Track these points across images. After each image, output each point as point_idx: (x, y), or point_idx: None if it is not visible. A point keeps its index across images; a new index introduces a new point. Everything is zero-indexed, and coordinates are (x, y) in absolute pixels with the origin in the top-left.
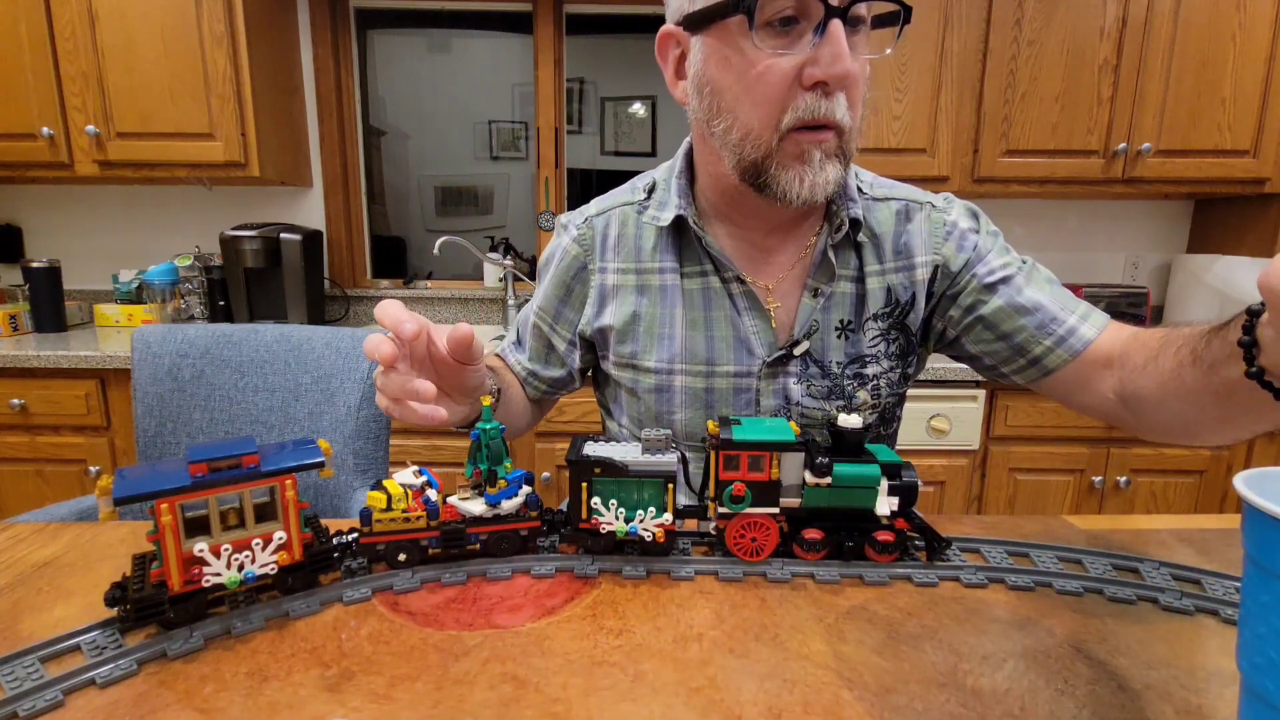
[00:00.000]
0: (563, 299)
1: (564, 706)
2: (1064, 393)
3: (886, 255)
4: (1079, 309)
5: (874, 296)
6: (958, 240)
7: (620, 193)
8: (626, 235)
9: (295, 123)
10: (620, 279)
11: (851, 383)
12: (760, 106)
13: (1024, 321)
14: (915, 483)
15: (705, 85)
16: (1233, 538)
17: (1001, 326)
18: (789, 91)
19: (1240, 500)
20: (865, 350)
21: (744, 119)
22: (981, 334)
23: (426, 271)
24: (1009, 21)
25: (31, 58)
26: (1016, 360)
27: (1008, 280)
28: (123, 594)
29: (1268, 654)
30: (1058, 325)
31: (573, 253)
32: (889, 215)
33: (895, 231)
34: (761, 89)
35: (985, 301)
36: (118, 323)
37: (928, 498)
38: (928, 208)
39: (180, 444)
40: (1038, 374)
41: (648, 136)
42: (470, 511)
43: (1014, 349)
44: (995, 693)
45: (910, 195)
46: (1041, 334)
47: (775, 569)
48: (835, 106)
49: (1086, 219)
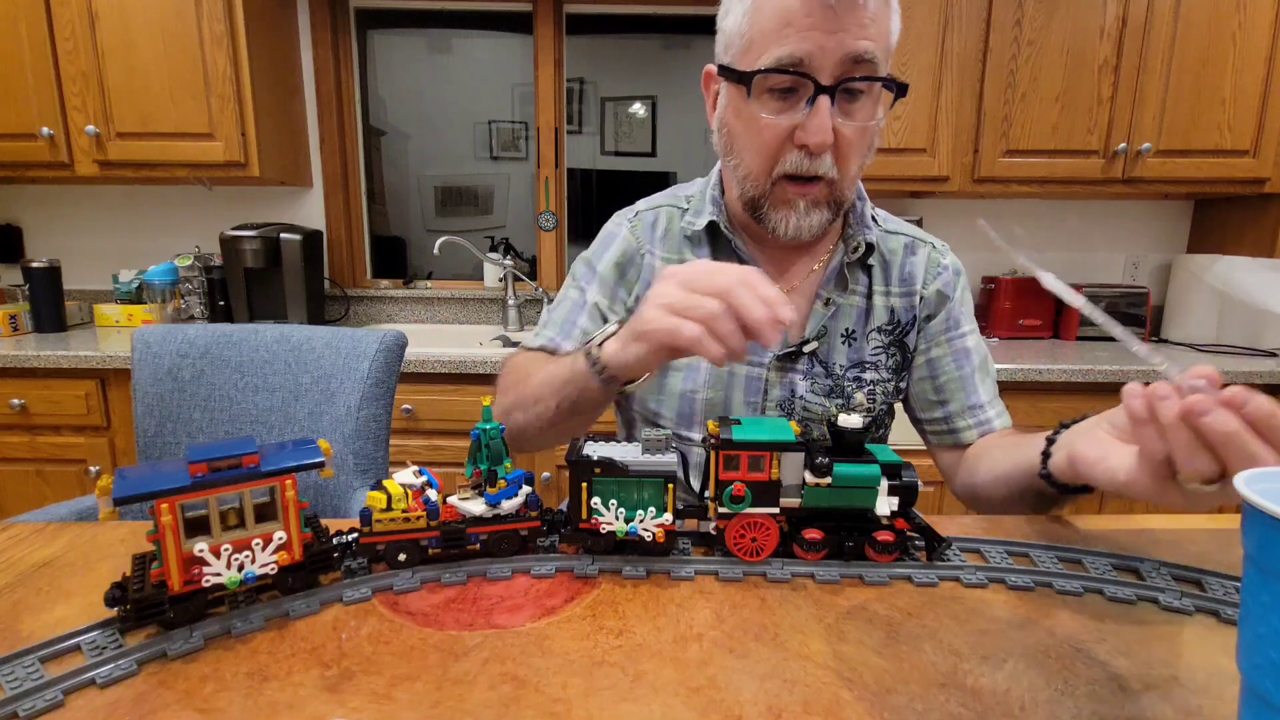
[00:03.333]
0: (618, 280)
1: (564, 706)
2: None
3: (893, 280)
4: (999, 404)
5: (878, 312)
6: (943, 283)
7: (664, 196)
8: (672, 230)
9: (295, 123)
10: (665, 265)
11: (851, 385)
12: (758, 155)
13: (964, 400)
14: (915, 483)
15: (724, 126)
16: (1233, 538)
17: (944, 391)
18: (781, 147)
19: (1240, 500)
20: (867, 357)
21: (747, 161)
22: (923, 372)
23: (426, 271)
24: (1009, 21)
25: (31, 58)
26: (940, 425)
27: (966, 351)
28: (123, 594)
29: (1268, 654)
30: (982, 412)
31: (629, 240)
32: (898, 246)
33: (902, 261)
34: (759, 142)
35: (940, 352)
36: (118, 323)
37: (928, 498)
38: (929, 247)
39: (180, 444)
40: (950, 443)
41: (648, 137)
42: (470, 511)
43: (944, 415)
44: (995, 693)
45: (916, 234)
46: (968, 414)
47: (775, 569)
48: (820, 163)
49: (1086, 219)
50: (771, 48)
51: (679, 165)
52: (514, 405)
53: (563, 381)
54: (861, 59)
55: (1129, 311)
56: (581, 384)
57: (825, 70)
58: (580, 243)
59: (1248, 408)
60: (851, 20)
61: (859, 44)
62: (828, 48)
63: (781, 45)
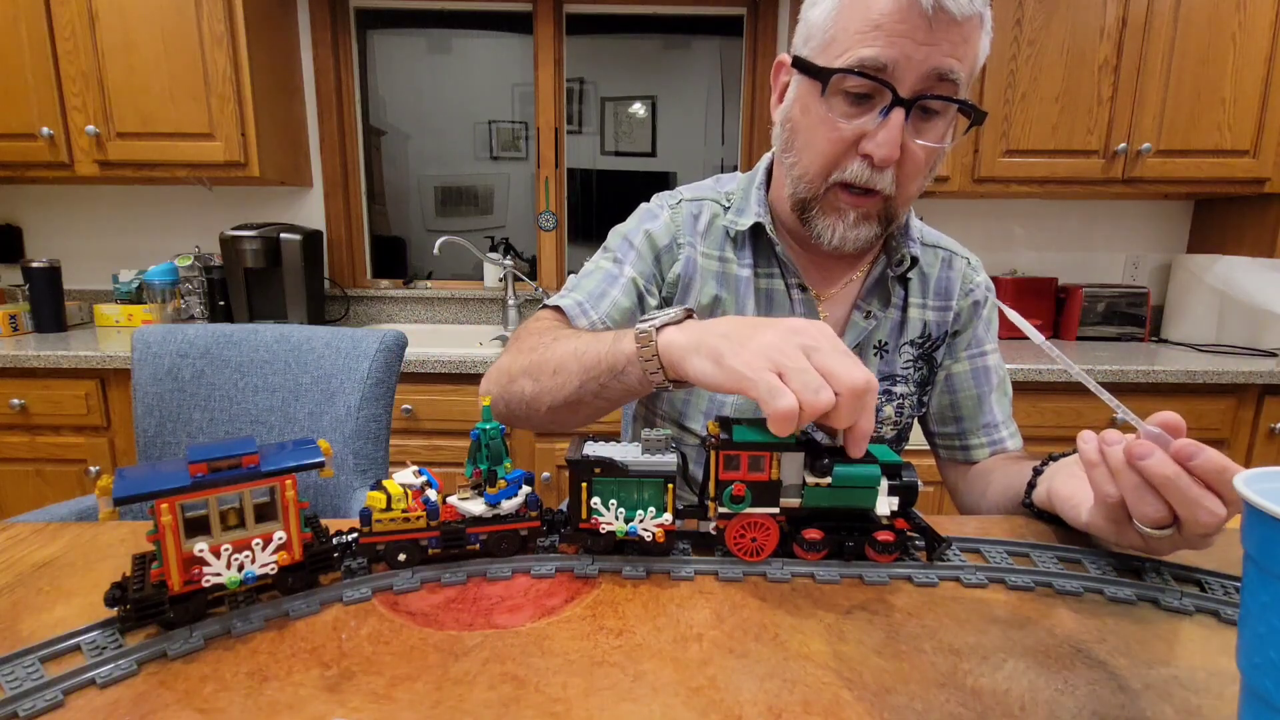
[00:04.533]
0: (656, 259)
1: (564, 706)
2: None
3: (929, 293)
4: (1013, 425)
5: (912, 326)
6: (974, 301)
7: (706, 188)
8: (715, 227)
9: (295, 123)
10: (705, 263)
11: (881, 398)
12: (819, 157)
13: (980, 419)
14: (915, 483)
15: (789, 121)
16: (1233, 538)
17: (960, 408)
18: (845, 154)
19: (1240, 500)
20: (898, 370)
21: (805, 161)
22: (942, 386)
23: (426, 271)
24: (1009, 21)
25: (31, 58)
26: (954, 441)
27: (986, 370)
28: (123, 594)
29: (1268, 654)
30: (995, 432)
31: (669, 225)
32: (935, 260)
33: (940, 275)
34: (823, 143)
35: (961, 368)
36: (118, 323)
37: (928, 498)
38: (964, 261)
39: (180, 444)
40: (961, 458)
41: (648, 136)
42: (470, 511)
43: (959, 432)
44: (995, 693)
45: (953, 247)
46: (983, 433)
47: (775, 569)
48: (880, 178)
49: (1086, 219)
50: (856, 47)
51: (679, 165)
52: (525, 371)
53: (596, 358)
54: (946, 77)
55: (1129, 311)
56: (619, 367)
57: (906, 82)
58: (580, 243)
59: (1196, 461)
60: (944, 35)
61: (946, 60)
62: (915, 58)
63: (867, 47)
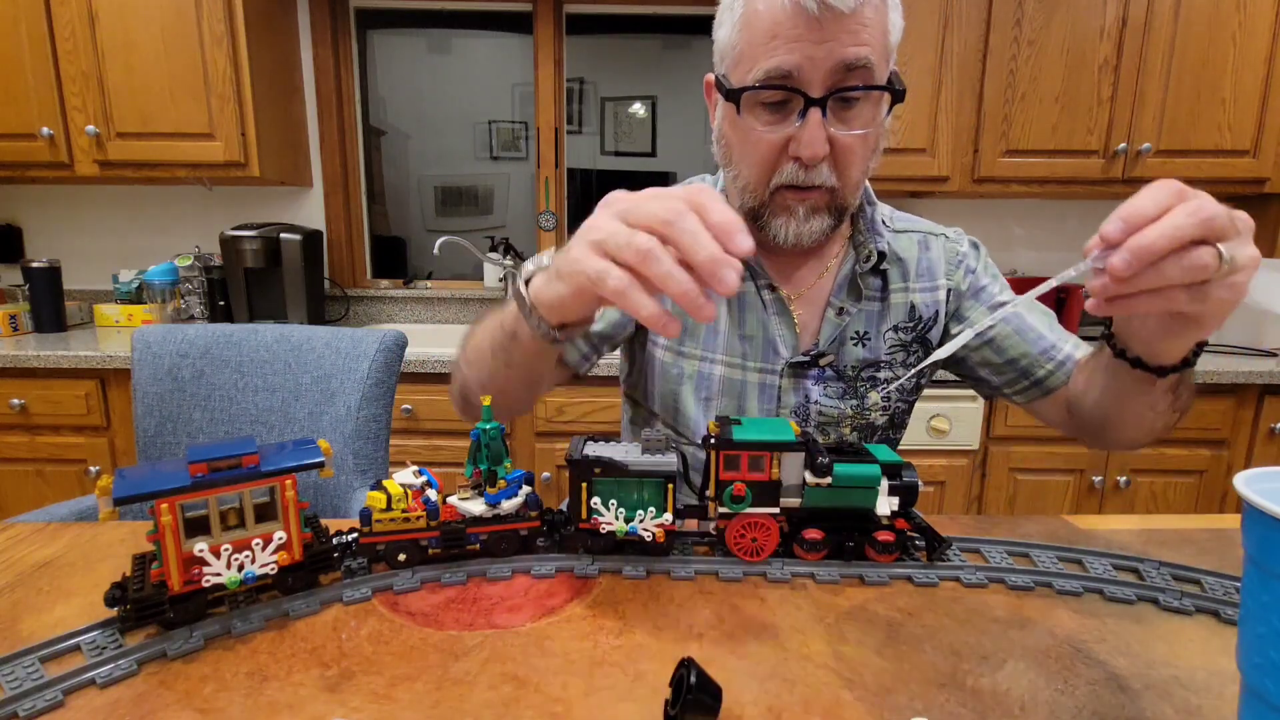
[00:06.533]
0: None
1: (564, 706)
2: (1047, 408)
3: (911, 276)
4: (1070, 336)
5: (895, 310)
6: (966, 269)
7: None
8: None
9: (295, 123)
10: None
11: (865, 385)
12: (753, 167)
13: (1028, 348)
14: (915, 483)
15: (722, 137)
16: (1233, 538)
17: (1008, 350)
18: (778, 159)
19: (1240, 500)
20: (881, 356)
21: (745, 173)
22: (988, 355)
23: (426, 271)
24: (1009, 21)
25: (31, 58)
26: (1020, 382)
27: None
28: (123, 594)
29: (1268, 654)
30: (1057, 351)
31: None
32: (910, 244)
33: (918, 257)
34: (754, 154)
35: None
36: (118, 323)
37: (928, 498)
38: (942, 238)
39: (180, 444)
40: (1039, 394)
41: (648, 136)
42: (470, 511)
43: (1019, 371)
44: (995, 693)
45: (927, 227)
46: (1044, 359)
47: (775, 569)
48: (817, 174)
49: (1086, 219)
50: (761, 60)
51: (679, 165)
52: (464, 359)
53: (498, 325)
54: (854, 66)
55: None
56: (513, 328)
57: (815, 82)
58: None
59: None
60: (839, 29)
61: (849, 51)
62: (817, 57)
63: (770, 58)
